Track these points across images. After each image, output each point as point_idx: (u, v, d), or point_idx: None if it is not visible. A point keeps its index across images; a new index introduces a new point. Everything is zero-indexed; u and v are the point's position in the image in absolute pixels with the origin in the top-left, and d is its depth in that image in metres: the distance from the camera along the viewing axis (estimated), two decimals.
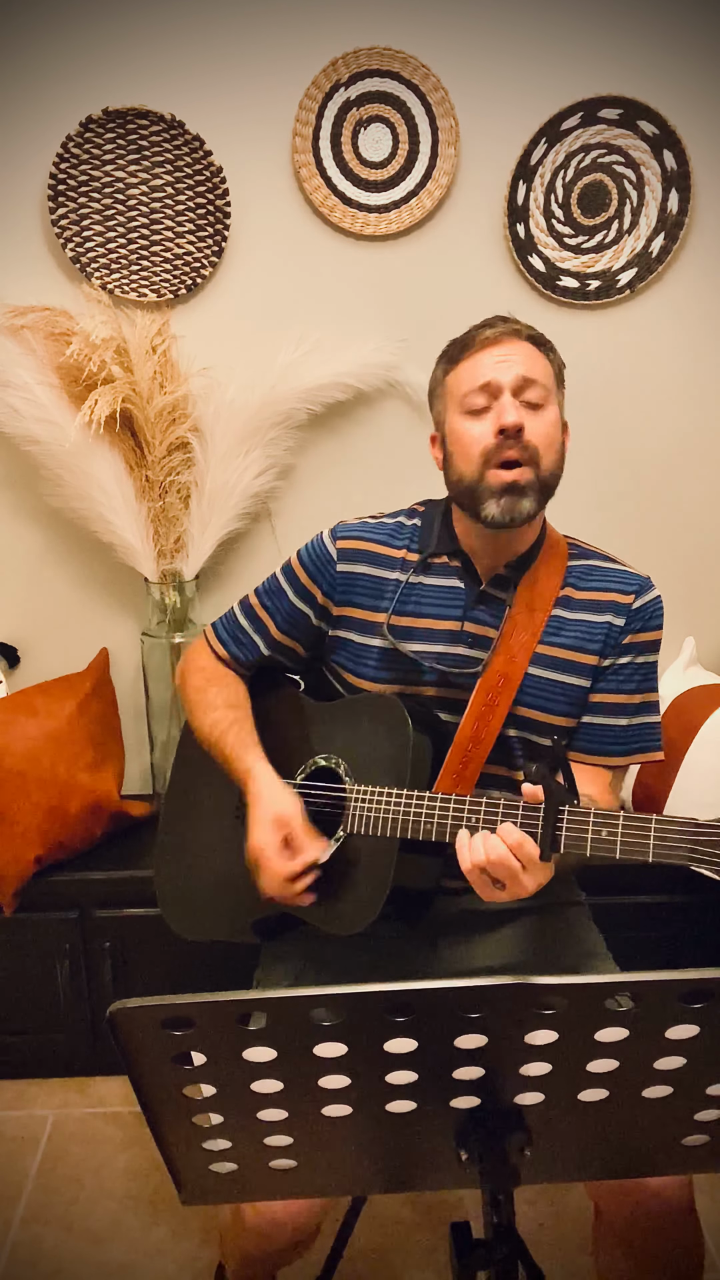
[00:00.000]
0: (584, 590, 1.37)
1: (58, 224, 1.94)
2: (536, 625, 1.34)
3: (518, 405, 1.29)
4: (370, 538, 1.41)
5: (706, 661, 2.21)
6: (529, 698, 1.34)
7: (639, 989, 0.80)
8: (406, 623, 1.38)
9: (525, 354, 1.32)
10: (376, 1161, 0.96)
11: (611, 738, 1.36)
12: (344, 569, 1.40)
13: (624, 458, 2.11)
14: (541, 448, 1.30)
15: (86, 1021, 2.04)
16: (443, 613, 1.37)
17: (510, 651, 1.33)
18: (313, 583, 1.42)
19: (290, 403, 1.97)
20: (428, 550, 1.39)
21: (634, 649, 1.36)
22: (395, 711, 1.32)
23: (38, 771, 1.93)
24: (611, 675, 1.35)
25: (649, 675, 1.38)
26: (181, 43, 1.88)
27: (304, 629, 1.44)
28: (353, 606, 1.40)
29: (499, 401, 1.29)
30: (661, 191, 1.94)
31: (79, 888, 1.97)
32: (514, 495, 1.28)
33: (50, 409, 1.91)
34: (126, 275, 1.98)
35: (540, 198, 1.96)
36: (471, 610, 1.36)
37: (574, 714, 1.36)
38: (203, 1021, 0.80)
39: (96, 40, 1.87)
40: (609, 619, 1.35)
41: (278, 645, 1.46)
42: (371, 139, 1.93)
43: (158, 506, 2.01)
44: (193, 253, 1.97)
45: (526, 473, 1.29)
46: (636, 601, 1.36)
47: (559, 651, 1.35)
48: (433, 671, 1.36)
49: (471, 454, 1.30)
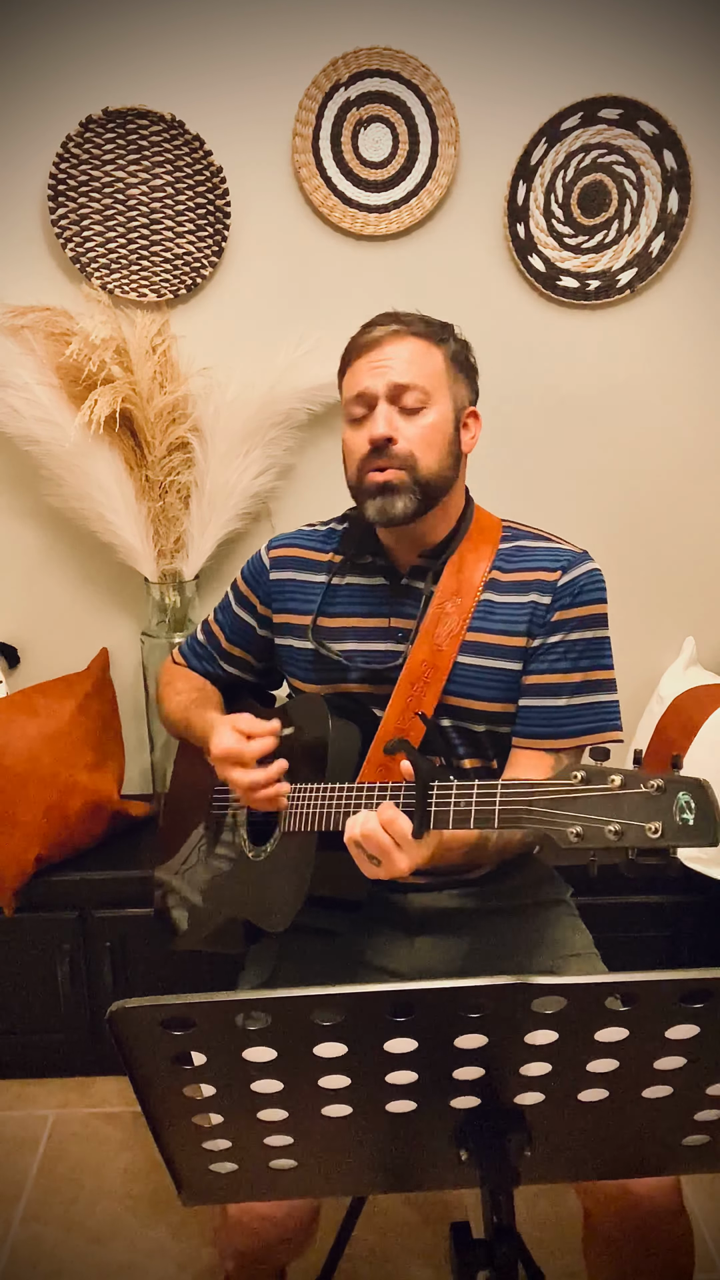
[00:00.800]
0: (510, 572, 1.36)
1: (58, 224, 1.94)
2: (464, 612, 1.34)
3: (391, 414, 1.30)
4: (300, 544, 1.47)
5: (706, 661, 2.21)
6: (459, 686, 1.34)
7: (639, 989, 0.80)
8: (335, 623, 1.41)
9: (407, 355, 1.32)
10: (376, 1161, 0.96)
11: (547, 719, 1.33)
12: (275, 577, 1.46)
13: (623, 457, 2.11)
14: (418, 451, 1.30)
15: (86, 1021, 2.04)
16: (369, 610, 1.40)
17: (435, 641, 1.33)
18: (251, 593, 1.49)
19: (290, 403, 1.97)
20: (349, 551, 1.42)
21: (564, 625, 1.32)
22: (318, 708, 1.34)
23: (38, 771, 1.93)
24: (543, 655, 1.33)
25: (589, 652, 1.33)
26: (181, 43, 1.88)
27: (250, 638, 1.51)
28: (287, 613, 1.45)
29: (374, 412, 1.31)
30: (661, 191, 1.94)
31: (79, 888, 1.97)
32: (387, 495, 1.30)
33: (50, 409, 1.91)
34: (126, 275, 1.98)
35: (540, 198, 1.96)
36: (395, 605, 1.38)
37: (510, 699, 1.34)
38: (203, 1021, 0.80)
39: (96, 40, 1.87)
40: (534, 598, 1.33)
41: (230, 656, 1.54)
42: (371, 139, 1.93)
43: (158, 506, 2.01)
44: (193, 253, 1.97)
45: (399, 474, 1.30)
46: (564, 577, 1.33)
47: (487, 637, 1.34)
48: (357, 671, 1.37)
49: (352, 461, 1.34)
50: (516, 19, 1.87)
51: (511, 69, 1.90)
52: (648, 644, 2.22)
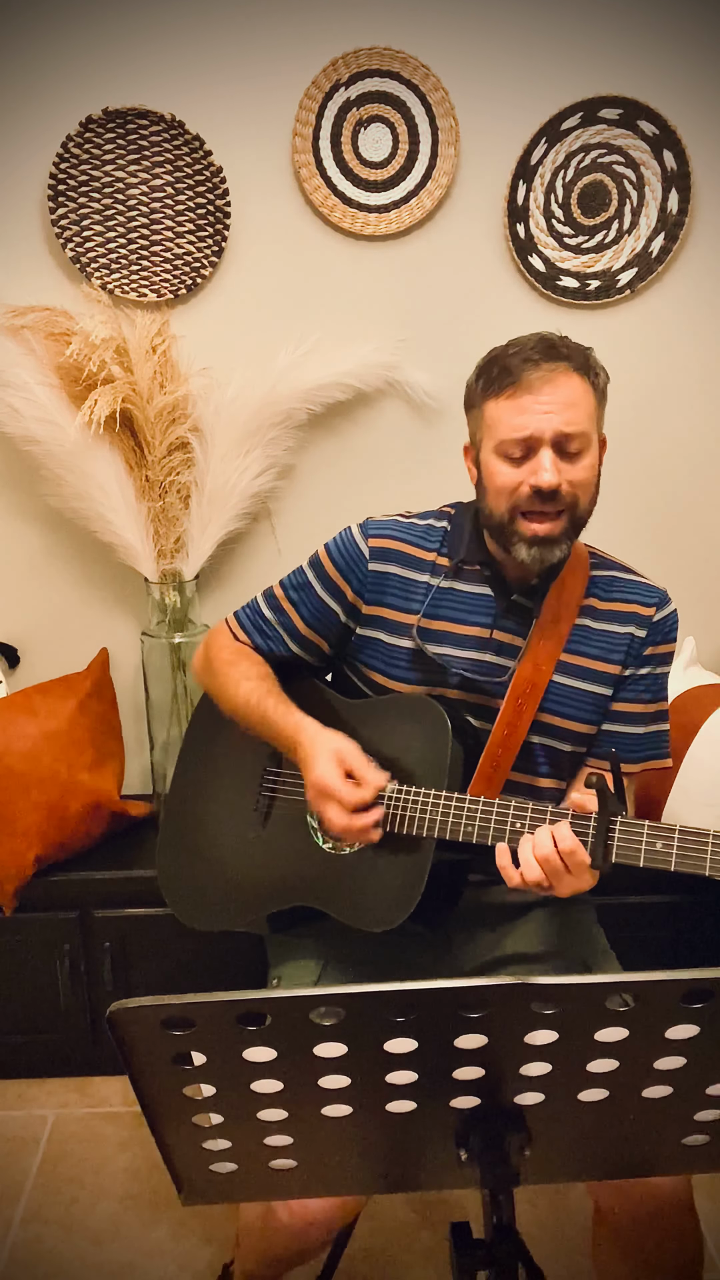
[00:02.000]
0: (608, 601, 1.40)
1: (58, 224, 1.94)
2: (561, 634, 1.37)
3: (555, 460, 1.25)
4: (402, 538, 1.40)
5: (706, 661, 2.21)
6: (554, 705, 1.37)
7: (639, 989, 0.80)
8: (436, 626, 1.39)
9: (570, 397, 1.26)
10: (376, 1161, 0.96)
11: (626, 745, 1.40)
12: (376, 568, 1.39)
13: (623, 457, 2.11)
14: (579, 495, 1.29)
15: (86, 1021, 2.04)
16: (472, 619, 1.39)
17: (536, 659, 1.35)
18: (343, 579, 1.40)
19: (290, 403, 1.97)
20: (458, 557, 1.39)
21: (653, 660, 1.39)
22: (434, 714, 1.33)
23: (38, 771, 1.93)
24: (631, 685, 1.39)
25: (664, 686, 1.42)
26: (181, 43, 1.88)
27: (330, 625, 1.43)
28: (384, 606, 1.40)
29: (537, 456, 1.26)
30: (661, 191, 1.94)
31: (79, 888, 1.97)
32: (546, 546, 1.29)
33: (50, 409, 1.91)
34: (126, 275, 1.98)
35: (540, 198, 1.95)
36: (500, 618, 1.38)
37: (595, 721, 1.39)
38: (203, 1021, 0.80)
39: (96, 40, 1.87)
40: (631, 630, 1.38)
41: (303, 640, 1.44)
42: (371, 139, 1.93)
43: (158, 506, 2.01)
44: (193, 253, 1.97)
45: (560, 524, 1.28)
46: (658, 614, 1.39)
47: (583, 660, 1.37)
48: (458, 676, 1.37)
49: (502, 498, 1.29)
50: (516, 19, 1.87)
51: (511, 69, 1.90)
52: None
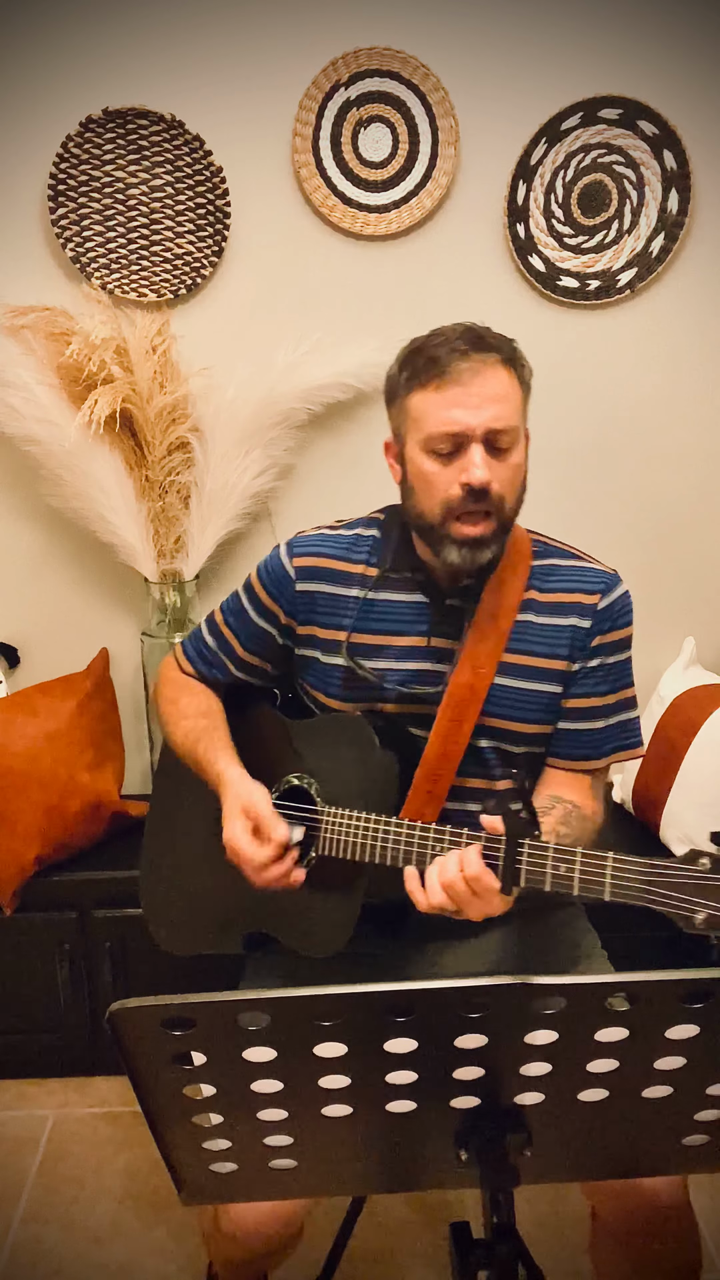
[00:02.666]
0: (548, 592, 1.32)
1: (58, 224, 1.94)
2: (501, 633, 1.30)
3: (486, 458, 1.21)
4: (328, 553, 1.37)
5: (706, 661, 2.21)
6: (498, 708, 1.31)
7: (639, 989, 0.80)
8: (369, 640, 1.34)
9: (499, 390, 1.22)
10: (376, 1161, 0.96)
11: (588, 741, 1.33)
12: (302, 588, 1.36)
13: (624, 457, 2.11)
14: (507, 494, 1.24)
15: (86, 1021, 2.04)
16: (406, 628, 1.33)
17: (475, 662, 1.29)
18: (274, 602, 1.39)
19: (290, 403, 1.97)
20: (386, 565, 1.35)
21: (603, 650, 1.32)
22: (363, 732, 1.30)
23: (38, 771, 1.93)
24: (583, 679, 1.32)
25: (622, 673, 1.34)
26: (181, 43, 1.88)
27: (269, 647, 1.42)
28: (315, 626, 1.36)
29: (467, 453, 1.21)
30: (661, 191, 1.94)
31: (79, 888, 1.97)
32: (477, 548, 1.24)
33: (50, 409, 1.91)
34: (126, 275, 1.98)
35: (540, 198, 1.95)
36: (436, 624, 1.33)
37: (548, 720, 1.33)
38: (203, 1021, 0.80)
39: (96, 40, 1.87)
40: (574, 621, 1.31)
41: (245, 665, 1.44)
42: (371, 139, 1.93)
43: (158, 506, 2.01)
44: (193, 253, 1.97)
45: (490, 525, 1.24)
46: (602, 601, 1.31)
47: (526, 659, 1.31)
48: (393, 690, 1.32)
49: (434, 498, 1.24)
50: (516, 19, 1.87)
51: (511, 69, 1.90)
52: (648, 644, 2.20)
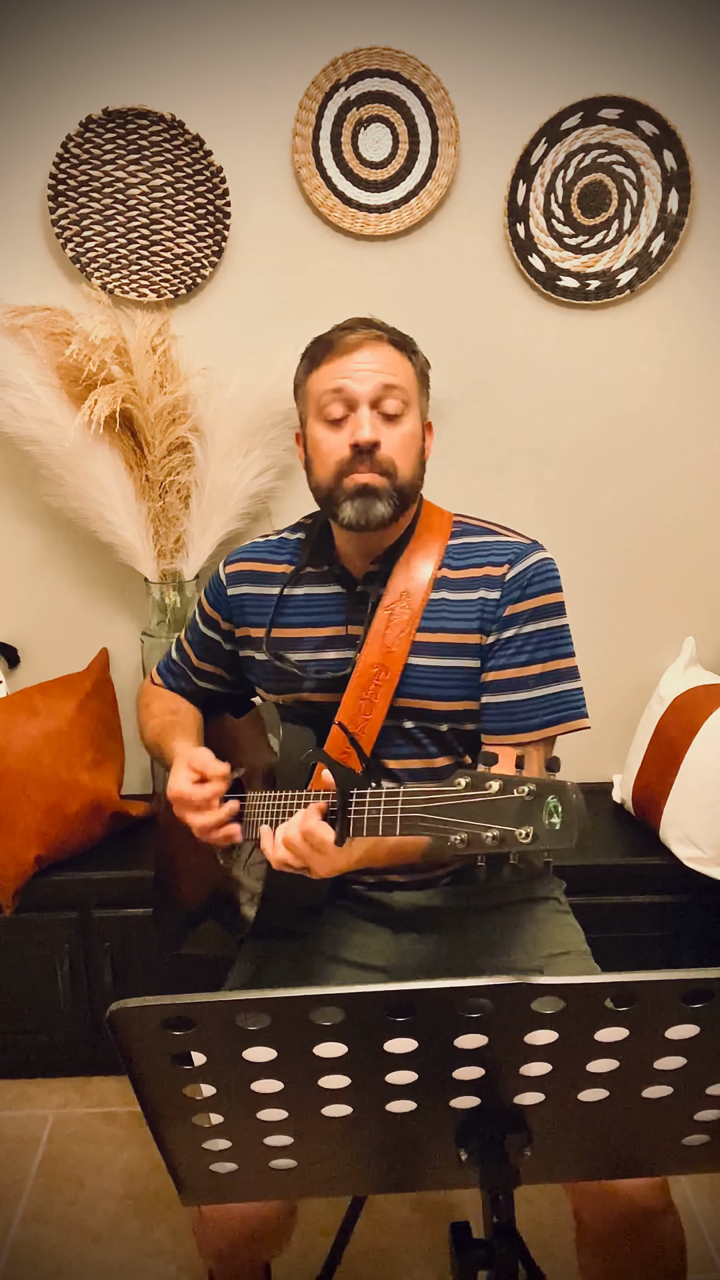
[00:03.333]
0: (459, 569, 1.36)
1: (58, 224, 1.94)
2: (414, 613, 1.34)
3: (374, 419, 1.30)
4: (253, 557, 1.47)
5: (706, 661, 2.21)
6: (415, 687, 1.34)
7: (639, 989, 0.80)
8: (291, 634, 1.41)
9: (386, 360, 1.32)
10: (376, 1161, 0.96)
11: (510, 714, 1.32)
12: (233, 592, 1.47)
13: (624, 457, 2.11)
14: (397, 460, 1.31)
15: (86, 1021, 2.04)
16: (325, 619, 1.40)
17: (386, 644, 1.33)
18: (214, 610, 1.50)
19: (290, 402, 1.96)
20: (302, 561, 1.42)
21: (517, 619, 1.32)
22: (271, 715, 1.37)
23: (38, 771, 1.93)
24: (499, 651, 1.32)
25: (546, 643, 1.33)
26: (181, 43, 1.88)
27: (218, 654, 1.53)
28: (246, 626, 1.46)
29: (356, 414, 1.30)
30: (661, 191, 1.94)
31: (79, 888, 1.97)
32: (368, 498, 1.29)
33: (50, 409, 1.91)
34: (126, 275, 1.98)
35: (540, 198, 1.95)
36: (350, 612, 1.39)
37: (468, 696, 1.34)
38: (203, 1021, 0.80)
39: (96, 40, 1.87)
40: (482, 594, 1.33)
41: (201, 672, 1.56)
42: (371, 139, 1.93)
43: (158, 506, 2.01)
44: (193, 253, 1.97)
45: (380, 479, 1.30)
46: (511, 571, 1.33)
47: (440, 636, 1.34)
48: (311, 680, 1.38)
49: (328, 464, 1.32)
50: (516, 19, 1.87)
51: (511, 69, 1.90)
52: (648, 644, 2.22)
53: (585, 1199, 1.23)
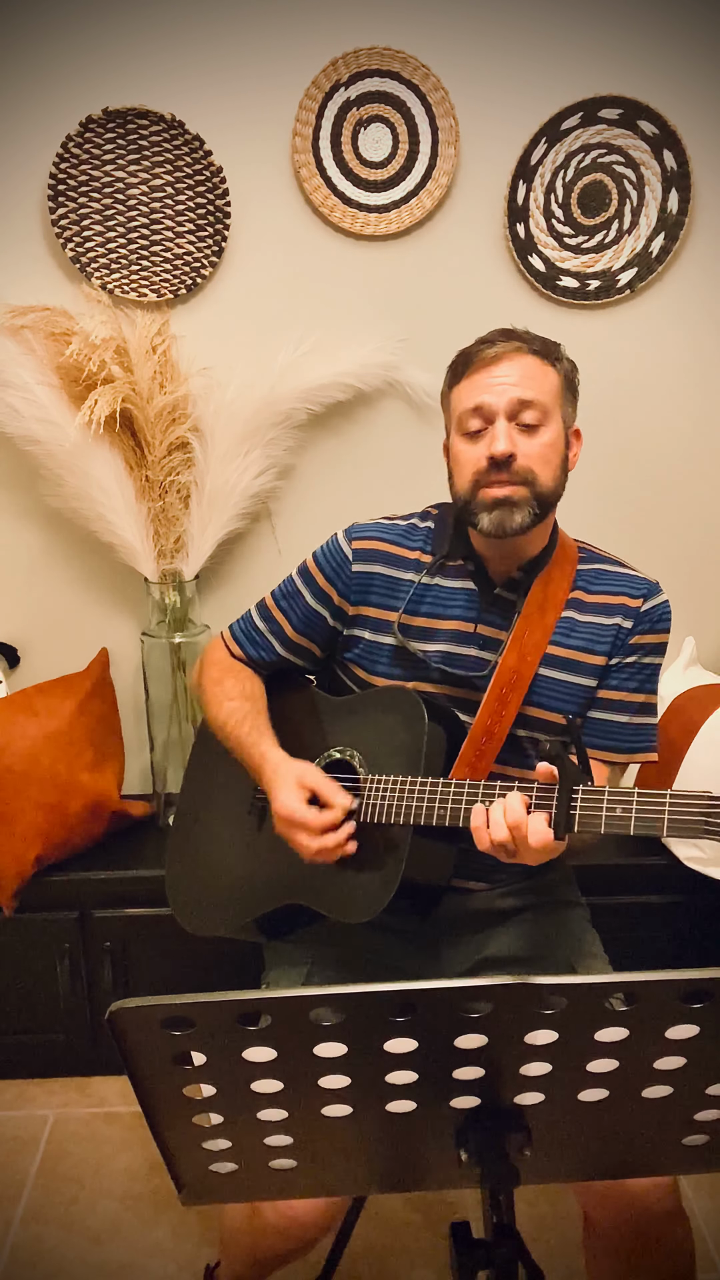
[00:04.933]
0: (594, 593, 1.40)
1: (58, 224, 1.94)
2: (548, 626, 1.37)
3: (511, 431, 1.30)
4: (385, 538, 1.43)
5: (706, 661, 2.21)
6: (538, 697, 1.37)
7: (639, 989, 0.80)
8: (420, 623, 1.40)
9: (525, 372, 1.32)
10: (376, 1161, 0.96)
11: (613, 733, 1.39)
12: (359, 569, 1.42)
13: (625, 457, 2.11)
14: (536, 468, 1.31)
15: (86, 1021, 2.04)
16: (456, 614, 1.39)
17: (522, 651, 1.36)
18: (329, 584, 1.44)
19: (290, 403, 1.97)
20: (441, 553, 1.41)
21: (640, 650, 1.38)
22: (411, 702, 1.34)
23: (38, 771, 1.93)
24: (616, 673, 1.38)
25: (651, 677, 1.40)
26: (181, 43, 1.88)
27: (320, 629, 1.46)
28: (368, 605, 1.42)
29: (493, 427, 1.30)
30: (661, 191, 1.94)
31: (79, 888, 1.97)
32: (505, 509, 1.30)
33: (50, 409, 1.91)
34: (126, 275, 1.98)
35: (540, 197, 1.95)
36: (484, 612, 1.39)
37: (580, 713, 1.39)
38: (203, 1021, 0.80)
39: (96, 40, 1.87)
40: (618, 621, 1.38)
41: (294, 646, 1.48)
42: (371, 139, 1.93)
43: (158, 506, 2.01)
44: (193, 253, 1.97)
45: (519, 490, 1.30)
46: (645, 605, 1.39)
47: (569, 653, 1.37)
48: (438, 670, 1.38)
49: (465, 474, 1.33)
50: (516, 19, 1.87)
51: (511, 69, 1.90)
52: None
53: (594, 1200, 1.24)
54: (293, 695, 1.51)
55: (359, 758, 1.37)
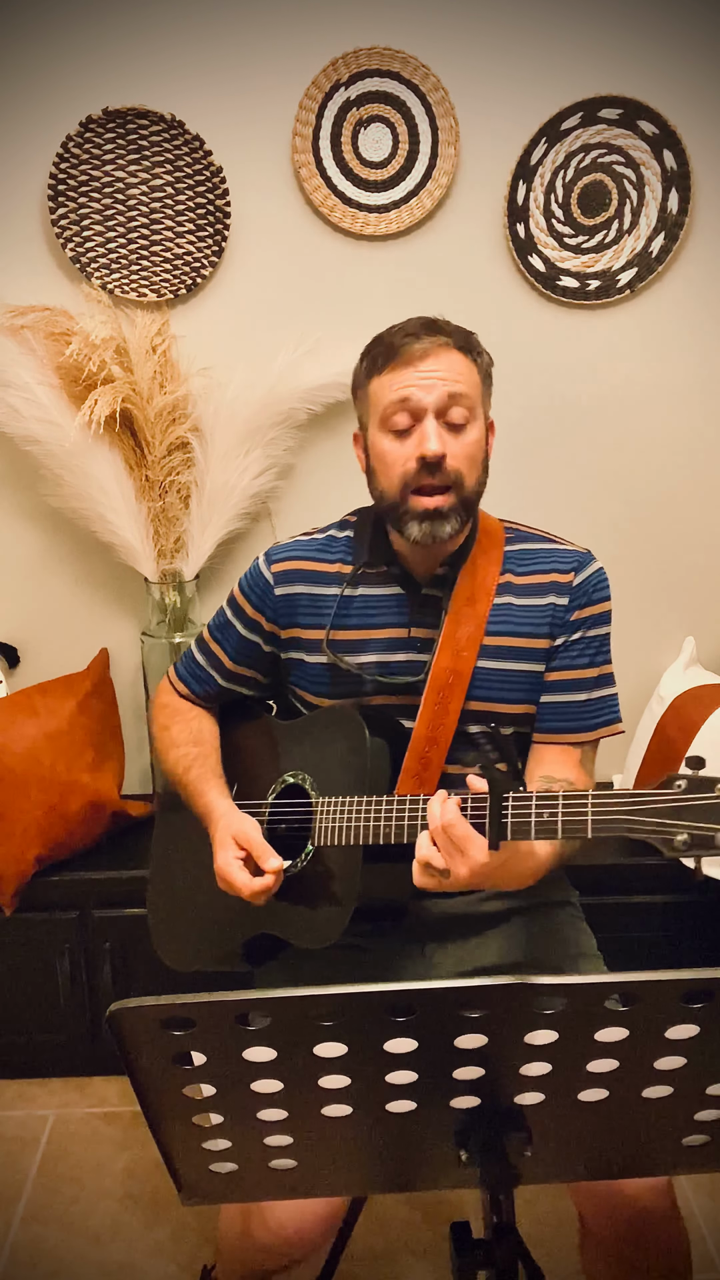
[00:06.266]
0: (524, 575, 1.37)
1: (58, 224, 1.94)
2: (481, 617, 1.34)
3: (440, 430, 1.27)
4: (303, 555, 1.42)
5: (706, 661, 2.21)
6: (482, 690, 1.34)
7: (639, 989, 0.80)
8: (350, 635, 1.38)
9: (452, 367, 1.29)
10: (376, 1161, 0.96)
11: (573, 714, 1.36)
12: (282, 592, 1.41)
13: (623, 457, 2.11)
14: (464, 470, 1.29)
15: (86, 1021, 2.04)
16: (386, 621, 1.37)
17: (456, 648, 1.33)
18: (257, 612, 1.43)
19: (290, 403, 1.97)
20: (361, 562, 1.39)
21: (583, 624, 1.35)
22: (351, 720, 1.33)
23: (38, 771, 1.93)
24: (564, 653, 1.35)
25: (601, 648, 1.37)
26: (181, 43, 1.88)
27: (256, 657, 1.46)
28: (297, 627, 1.41)
29: (422, 426, 1.27)
30: (661, 191, 1.94)
31: (79, 888, 1.97)
32: (436, 520, 1.28)
33: (50, 409, 1.91)
34: (126, 275, 1.98)
35: (540, 197, 1.95)
36: (415, 614, 1.37)
37: (533, 699, 1.36)
38: (203, 1021, 0.80)
39: (96, 40, 1.87)
40: (552, 600, 1.35)
41: (235, 676, 1.48)
42: (371, 139, 1.93)
43: (158, 506, 2.01)
44: (193, 253, 1.97)
45: (449, 498, 1.28)
46: (577, 578, 1.35)
47: (508, 640, 1.35)
48: (373, 682, 1.36)
49: (392, 475, 1.30)
50: (516, 19, 1.87)
51: (511, 69, 1.90)
52: (648, 644, 2.22)
53: (589, 1201, 1.23)
54: (249, 725, 1.51)
55: (310, 781, 1.36)
